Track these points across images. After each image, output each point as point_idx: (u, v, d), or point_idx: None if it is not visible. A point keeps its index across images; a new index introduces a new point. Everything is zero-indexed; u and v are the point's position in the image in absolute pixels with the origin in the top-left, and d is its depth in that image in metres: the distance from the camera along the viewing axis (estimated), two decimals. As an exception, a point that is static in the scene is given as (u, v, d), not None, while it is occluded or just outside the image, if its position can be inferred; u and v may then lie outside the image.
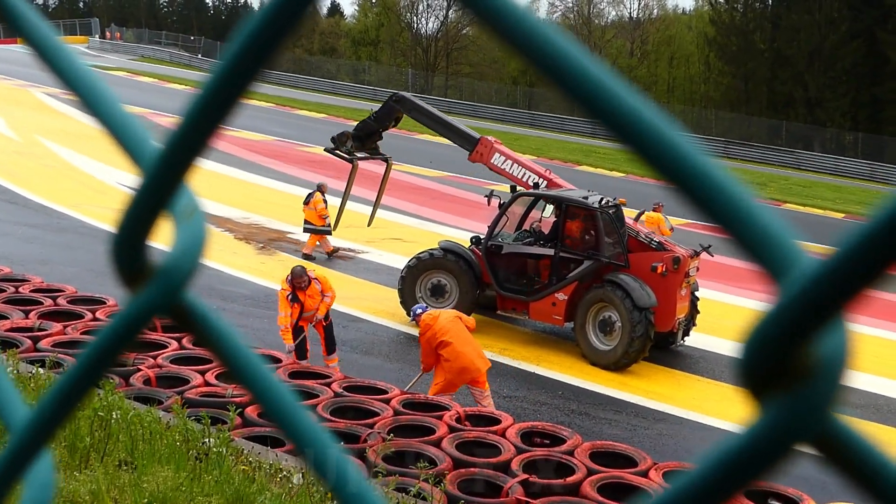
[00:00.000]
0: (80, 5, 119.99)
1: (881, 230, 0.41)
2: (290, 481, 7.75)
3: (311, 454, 0.61)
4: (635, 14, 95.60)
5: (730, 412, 14.78)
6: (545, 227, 18.11)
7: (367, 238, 22.91)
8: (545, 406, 14.38)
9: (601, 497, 9.87)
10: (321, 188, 22.58)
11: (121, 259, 0.64)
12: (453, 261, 17.52)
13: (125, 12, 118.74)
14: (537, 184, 18.20)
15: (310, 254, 22.01)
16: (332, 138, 19.71)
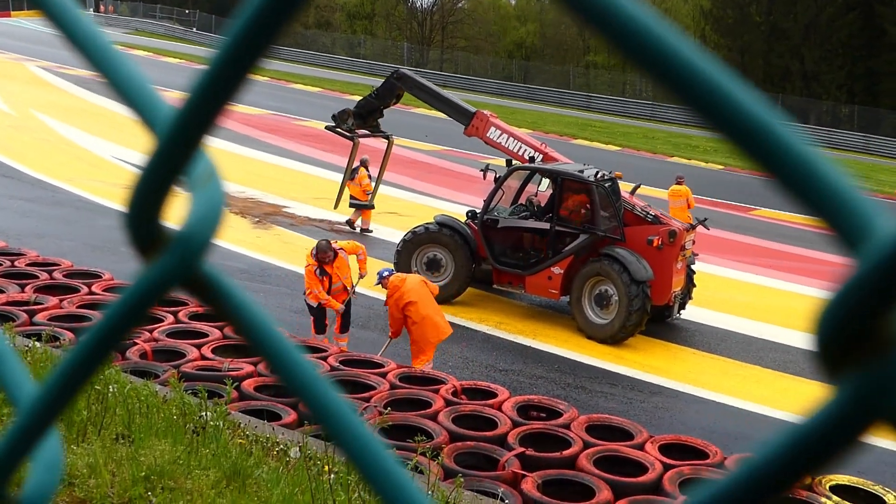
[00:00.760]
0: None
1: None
2: (288, 455, 7.74)
3: (332, 426, 0.58)
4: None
5: (725, 385, 14.83)
6: (541, 200, 18.08)
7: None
8: (541, 380, 14.40)
9: (598, 470, 9.91)
10: (365, 164, 22.65)
11: (135, 227, 0.61)
12: (448, 235, 17.49)
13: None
14: (533, 158, 18.15)
15: (367, 228, 22.58)
16: (333, 116, 19.66)
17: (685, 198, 23.55)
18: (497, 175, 17.69)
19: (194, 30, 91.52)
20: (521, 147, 18.43)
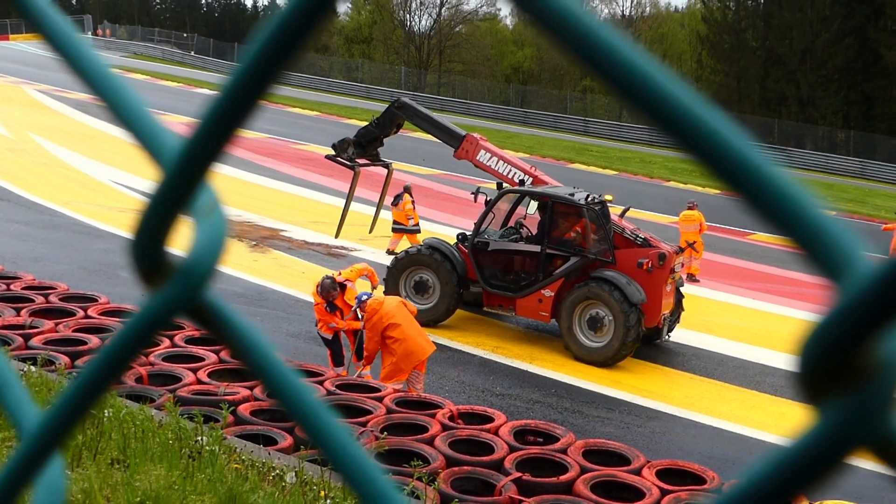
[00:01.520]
0: (73, 2, 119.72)
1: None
2: (283, 480, 7.73)
3: (332, 452, 0.59)
4: (628, 12, 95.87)
5: (722, 410, 14.82)
6: (531, 223, 18.17)
7: (360, 236, 22.87)
8: (538, 404, 14.38)
9: (594, 495, 9.88)
10: (409, 190, 22.93)
11: (140, 256, 0.62)
12: (436, 258, 17.53)
13: (118, 9, 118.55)
14: (523, 181, 18.25)
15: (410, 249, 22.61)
16: (334, 145, 19.64)
17: (698, 223, 23.54)
18: (488, 198, 17.77)
19: (192, 53, 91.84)
20: (510, 170, 18.55)
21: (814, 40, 69.60)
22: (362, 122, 23.07)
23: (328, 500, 6.84)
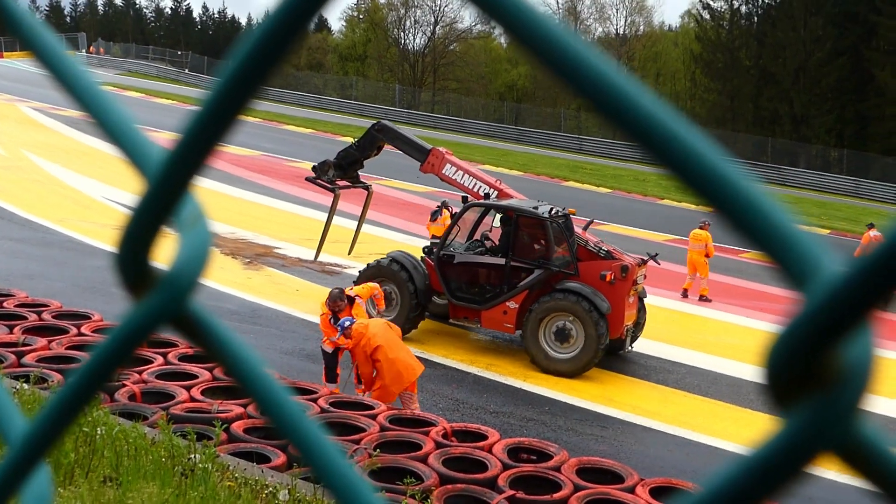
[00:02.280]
0: (68, 20, 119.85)
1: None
2: (277, 497, 7.71)
3: (318, 466, 0.60)
4: (622, 30, 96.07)
5: (715, 428, 14.81)
6: (496, 236, 18.40)
7: (353, 253, 22.87)
8: (532, 422, 14.37)
9: (588, 513, 9.86)
10: (446, 205, 23.26)
11: (125, 267, 0.63)
12: (398, 271, 17.74)
13: (112, 27, 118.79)
14: (488, 194, 18.57)
15: None
16: (314, 167, 19.95)
17: (704, 243, 23.54)
18: (453, 211, 18.01)
19: (186, 71, 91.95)
20: (475, 184, 18.86)
21: (807, 59, 69.88)
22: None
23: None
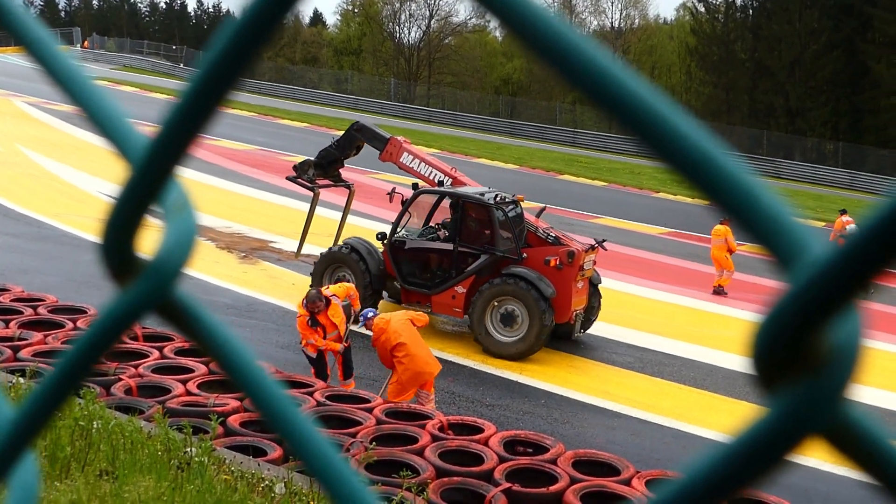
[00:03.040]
0: (62, 15, 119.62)
1: (892, 216, 0.41)
2: (273, 491, 7.71)
3: (304, 452, 0.60)
4: (617, 24, 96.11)
5: (711, 420, 14.82)
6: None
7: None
8: (528, 415, 14.37)
9: (584, 506, 9.87)
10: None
11: (110, 253, 0.63)
12: (353, 257, 18.08)
13: (107, 21, 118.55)
14: (441, 181, 18.85)
15: None
16: (295, 166, 20.33)
17: (722, 238, 23.49)
18: (404, 198, 18.44)
19: (181, 65, 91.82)
20: (431, 171, 19.22)
21: (802, 52, 69.90)
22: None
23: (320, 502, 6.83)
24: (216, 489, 7.09)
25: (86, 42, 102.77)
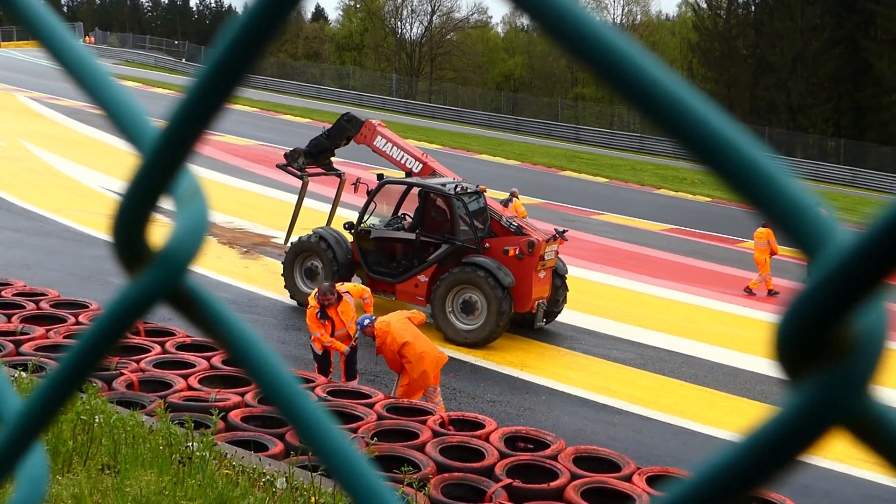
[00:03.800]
0: (65, 10, 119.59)
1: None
2: (274, 485, 7.71)
3: (314, 442, 0.59)
4: (619, 20, 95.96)
5: (712, 417, 14.83)
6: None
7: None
8: (529, 411, 14.38)
9: (585, 502, 9.87)
10: (515, 194, 23.94)
11: (120, 242, 0.62)
12: (321, 246, 18.36)
13: (109, 16, 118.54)
14: (411, 171, 19.15)
15: None
16: (285, 154, 20.59)
17: (765, 240, 23.34)
18: (369, 188, 18.66)
19: (184, 61, 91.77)
20: (404, 157, 19.43)
21: (804, 48, 69.80)
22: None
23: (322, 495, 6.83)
24: (217, 484, 7.09)
25: (88, 37, 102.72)
